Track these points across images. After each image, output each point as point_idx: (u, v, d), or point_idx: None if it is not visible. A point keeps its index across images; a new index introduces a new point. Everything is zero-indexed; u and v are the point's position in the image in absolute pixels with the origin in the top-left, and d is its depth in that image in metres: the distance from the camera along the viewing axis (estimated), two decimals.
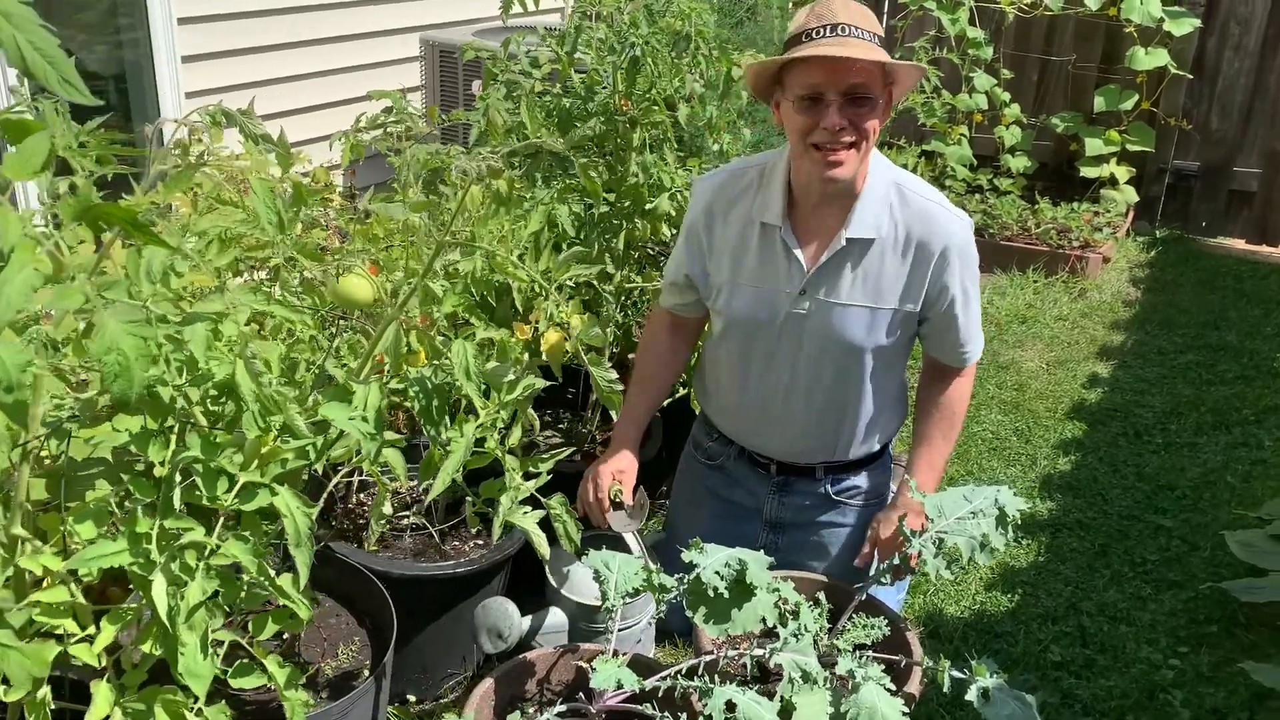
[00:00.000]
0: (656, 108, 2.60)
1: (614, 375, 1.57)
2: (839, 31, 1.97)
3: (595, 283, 2.68)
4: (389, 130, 2.17)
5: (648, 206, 2.57)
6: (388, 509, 1.96)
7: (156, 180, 1.35)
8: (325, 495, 2.06)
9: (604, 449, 2.41)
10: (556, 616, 2.33)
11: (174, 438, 1.44)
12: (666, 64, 2.52)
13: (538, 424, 1.71)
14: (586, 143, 2.57)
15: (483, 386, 1.51)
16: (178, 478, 1.38)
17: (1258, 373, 4.34)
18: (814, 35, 1.98)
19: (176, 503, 1.38)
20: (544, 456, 1.67)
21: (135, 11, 3.81)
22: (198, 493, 1.39)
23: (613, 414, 2.10)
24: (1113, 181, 5.70)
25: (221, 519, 1.42)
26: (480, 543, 2.45)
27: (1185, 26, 5.44)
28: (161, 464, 1.40)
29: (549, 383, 1.79)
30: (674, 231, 2.78)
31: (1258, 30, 5.57)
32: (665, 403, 2.61)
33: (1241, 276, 5.37)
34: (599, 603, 1.94)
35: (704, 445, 2.51)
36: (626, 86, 2.54)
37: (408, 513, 2.50)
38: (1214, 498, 3.45)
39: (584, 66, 2.76)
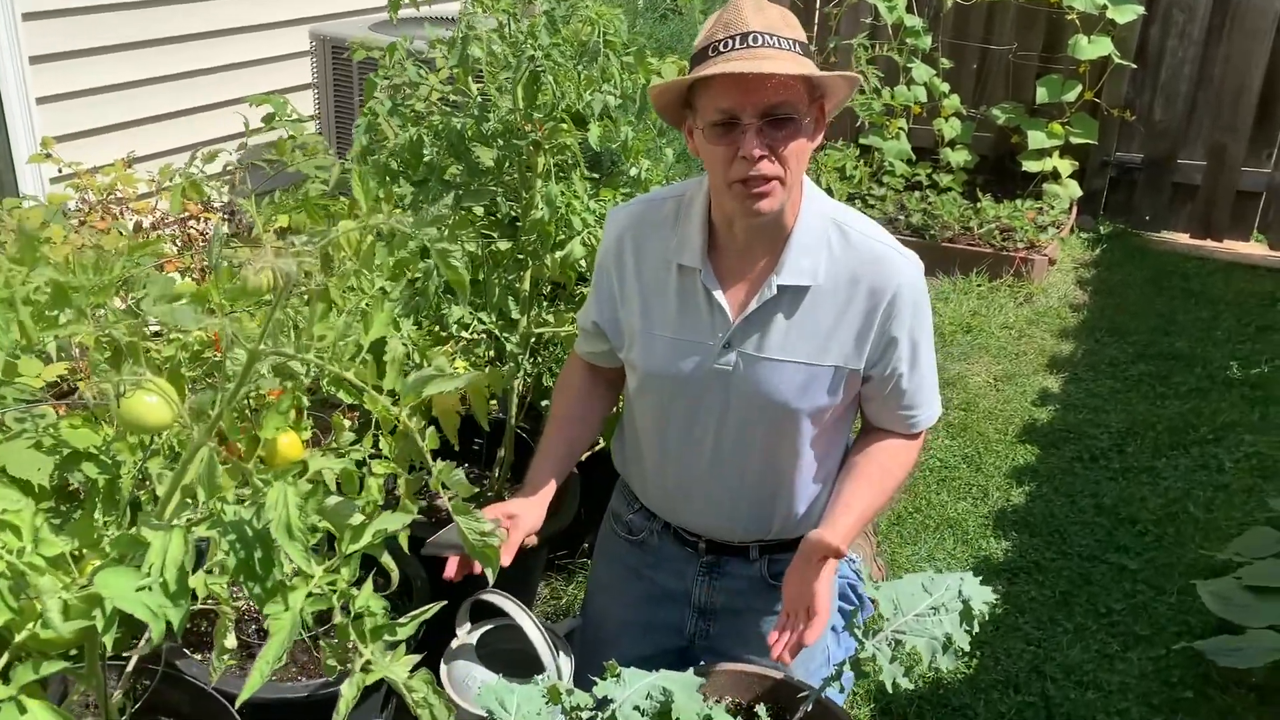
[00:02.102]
0: (564, 126, 2.24)
1: (488, 527, 1.23)
2: (751, 41, 1.63)
3: (497, 332, 2.32)
4: (238, 165, 1.78)
5: (560, 253, 2.21)
6: (230, 642, 1.60)
7: None
8: None
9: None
10: None
11: None
12: (573, 79, 2.16)
13: (396, 575, 1.36)
14: (483, 174, 2.21)
15: (312, 538, 1.16)
16: None
17: (1212, 384, 4.14)
18: (722, 48, 1.64)
19: None
20: (403, 621, 1.33)
21: None
22: None
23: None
24: (1055, 175, 5.46)
25: None
26: None
27: (1128, 14, 5.21)
28: None
29: (411, 527, 1.37)
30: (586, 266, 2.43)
31: (1201, 17, 5.36)
32: (583, 456, 2.26)
33: (1188, 275, 5.19)
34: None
35: (624, 518, 2.17)
36: (527, 105, 2.18)
37: None
38: (1178, 533, 3.22)
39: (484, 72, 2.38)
